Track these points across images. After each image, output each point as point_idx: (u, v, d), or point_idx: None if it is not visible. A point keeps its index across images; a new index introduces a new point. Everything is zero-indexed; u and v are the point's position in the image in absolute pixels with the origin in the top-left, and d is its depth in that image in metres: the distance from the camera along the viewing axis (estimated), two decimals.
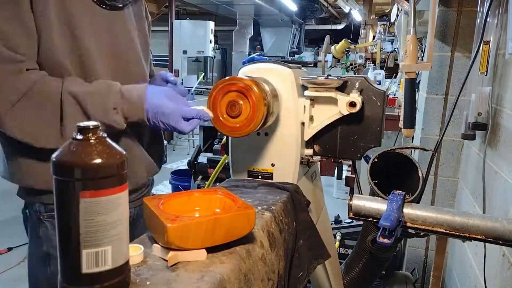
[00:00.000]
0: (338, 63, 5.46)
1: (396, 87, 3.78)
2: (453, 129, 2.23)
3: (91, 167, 0.53)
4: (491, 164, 1.69)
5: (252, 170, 1.13)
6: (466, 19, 2.16)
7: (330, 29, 10.08)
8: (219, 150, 3.24)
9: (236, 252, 0.72)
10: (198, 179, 3.40)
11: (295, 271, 0.98)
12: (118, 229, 0.55)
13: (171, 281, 0.62)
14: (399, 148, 1.13)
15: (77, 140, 0.54)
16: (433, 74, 2.28)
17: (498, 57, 1.72)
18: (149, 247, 0.72)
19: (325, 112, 1.09)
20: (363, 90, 1.08)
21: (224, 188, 0.88)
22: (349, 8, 7.94)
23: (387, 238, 0.95)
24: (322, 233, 1.10)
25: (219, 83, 0.95)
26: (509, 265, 1.39)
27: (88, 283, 0.55)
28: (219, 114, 0.96)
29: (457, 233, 1.02)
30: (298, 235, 1.02)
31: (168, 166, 5.80)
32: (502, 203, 1.53)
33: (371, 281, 1.58)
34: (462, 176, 2.29)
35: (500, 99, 1.67)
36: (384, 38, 5.86)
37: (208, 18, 8.39)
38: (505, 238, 0.98)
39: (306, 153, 1.15)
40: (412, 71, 1.78)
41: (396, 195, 1.06)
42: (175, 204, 0.79)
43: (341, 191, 4.81)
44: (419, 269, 2.48)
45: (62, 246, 0.55)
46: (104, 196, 0.53)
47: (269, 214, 0.89)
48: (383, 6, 6.91)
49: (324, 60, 4.86)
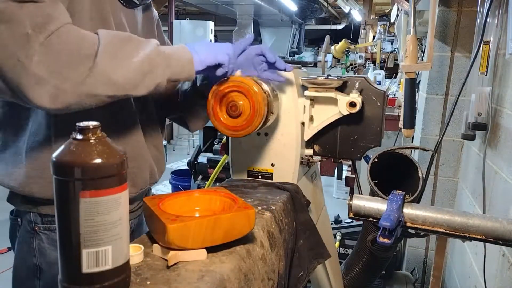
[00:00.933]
0: (338, 63, 5.46)
1: (396, 87, 3.78)
2: (453, 129, 2.23)
3: (91, 167, 0.53)
4: (491, 164, 1.69)
5: (252, 170, 1.13)
6: (466, 19, 2.16)
7: (330, 29, 10.08)
8: (219, 150, 3.24)
9: (236, 252, 0.73)
10: (198, 179, 3.40)
11: (295, 271, 0.98)
12: (118, 229, 0.55)
13: (171, 281, 0.62)
14: (399, 148, 1.13)
15: (77, 140, 0.54)
16: (433, 74, 2.29)
17: (498, 57, 1.72)
18: (149, 247, 0.72)
19: (325, 112, 1.09)
20: (363, 90, 1.08)
21: (224, 188, 0.88)
22: (349, 8, 7.94)
23: (387, 238, 0.96)
24: (322, 233, 1.10)
25: (218, 84, 0.95)
26: (509, 265, 1.39)
27: (88, 283, 0.55)
28: (219, 115, 0.96)
29: (457, 233, 1.02)
30: (298, 235, 1.02)
31: (168, 166, 5.80)
32: (502, 203, 1.54)
33: (371, 281, 1.59)
34: (462, 176, 2.29)
35: (500, 99, 1.67)
36: (384, 38, 5.87)
37: (208, 18, 8.39)
38: (505, 238, 0.98)
39: (306, 153, 1.15)
40: (412, 71, 1.78)
41: (396, 195, 1.06)
42: (175, 204, 0.79)
43: (341, 191, 4.81)
44: (419, 269, 2.48)
45: (62, 246, 0.55)
46: (104, 196, 0.53)
47: (269, 214, 0.89)
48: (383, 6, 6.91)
49: (324, 60, 4.86)
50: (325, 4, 8.08)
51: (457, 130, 2.18)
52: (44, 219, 0.96)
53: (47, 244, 0.96)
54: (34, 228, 0.97)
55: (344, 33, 9.16)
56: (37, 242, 0.97)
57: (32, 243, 0.97)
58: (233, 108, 0.93)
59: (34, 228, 0.97)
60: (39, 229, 0.97)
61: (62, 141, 0.58)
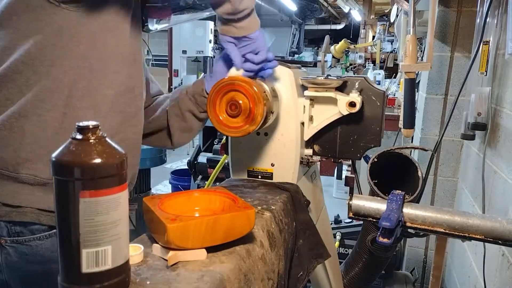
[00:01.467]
0: (338, 63, 5.46)
1: (395, 87, 3.78)
2: (452, 129, 2.23)
3: (90, 167, 0.53)
4: (490, 164, 1.69)
5: (252, 170, 1.13)
6: (466, 19, 2.16)
7: (329, 29, 10.08)
8: (219, 150, 3.24)
9: (236, 252, 0.73)
10: (198, 179, 3.40)
11: (295, 271, 0.98)
12: (118, 229, 0.55)
13: (171, 280, 0.62)
14: (399, 148, 1.13)
15: (77, 140, 0.54)
16: (433, 74, 2.29)
17: (497, 57, 1.72)
18: (149, 247, 0.72)
19: (325, 112, 1.09)
20: (363, 90, 1.08)
21: (224, 188, 0.88)
22: (349, 8, 7.94)
23: (387, 238, 0.96)
24: (322, 233, 1.10)
25: (219, 82, 0.95)
26: (508, 265, 1.39)
27: (88, 283, 0.55)
28: (218, 114, 0.96)
29: (456, 233, 1.02)
30: (298, 234, 1.02)
31: (168, 166, 5.80)
32: (502, 203, 1.54)
33: (371, 280, 1.59)
34: (462, 176, 2.29)
35: (499, 99, 1.67)
36: (383, 38, 5.86)
37: (208, 18, 8.38)
38: (505, 238, 0.98)
39: (306, 153, 1.15)
40: (411, 71, 1.78)
41: (395, 195, 1.06)
42: (175, 204, 0.79)
43: (341, 191, 4.81)
44: (418, 269, 2.48)
45: (62, 245, 0.55)
46: (104, 196, 0.53)
47: (269, 214, 0.89)
48: (383, 6, 6.91)
49: (324, 60, 4.86)
50: (325, 4, 8.07)
51: (457, 130, 2.18)
52: (12, 229, 0.87)
53: (15, 258, 0.88)
54: (0, 242, 0.88)
55: (343, 33, 9.16)
56: (4, 256, 0.89)
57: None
58: (232, 107, 0.93)
59: (0, 242, 0.88)
60: (6, 243, 0.88)
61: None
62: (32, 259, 0.88)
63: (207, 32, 6.93)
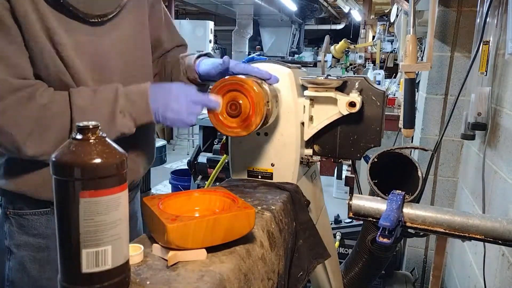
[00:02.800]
0: (338, 63, 5.47)
1: (395, 87, 3.78)
2: (452, 129, 2.23)
3: (90, 167, 0.53)
4: (490, 164, 1.69)
5: (252, 170, 1.13)
6: (466, 19, 2.16)
7: (329, 29, 10.09)
8: (219, 150, 3.23)
9: (236, 252, 0.73)
10: (198, 179, 3.40)
11: (295, 271, 0.98)
12: (118, 229, 0.55)
13: (171, 280, 0.62)
14: (399, 148, 1.13)
15: (77, 140, 0.54)
16: (433, 74, 2.29)
17: (497, 57, 1.72)
18: (149, 247, 0.72)
19: (325, 112, 1.09)
20: (363, 90, 1.08)
21: (224, 188, 0.88)
22: (349, 8, 7.95)
23: (387, 238, 0.95)
24: (322, 233, 1.10)
25: (219, 82, 0.95)
26: (508, 265, 1.39)
27: (88, 283, 0.55)
28: (219, 114, 0.96)
29: (456, 233, 1.02)
30: (298, 234, 1.02)
31: (168, 166, 5.79)
32: (502, 203, 1.54)
33: (371, 280, 1.59)
34: (462, 176, 2.29)
35: (499, 99, 1.67)
36: (383, 38, 5.87)
37: (208, 18, 8.39)
38: (505, 238, 0.98)
39: (306, 153, 1.15)
40: (411, 71, 1.78)
41: (395, 195, 1.06)
42: (175, 204, 0.79)
43: (341, 191, 4.81)
44: (418, 269, 2.48)
45: (62, 245, 0.55)
46: (104, 196, 0.53)
47: (269, 214, 0.89)
48: (383, 6, 6.92)
49: (324, 60, 4.86)
50: (325, 4, 8.08)
51: (457, 130, 2.18)
52: (15, 205, 1.02)
53: (16, 227, 1.03)
54: (6, 212, 1.03)
55: (343, 33, 9.17)
56: (8, 225, 1.04)
57: (4, 226, 1.04)
58: (232, 107, 0.93)
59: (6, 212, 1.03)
60: (10, 214, 1.03)
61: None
62: (28, 231, 1.02)
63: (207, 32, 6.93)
